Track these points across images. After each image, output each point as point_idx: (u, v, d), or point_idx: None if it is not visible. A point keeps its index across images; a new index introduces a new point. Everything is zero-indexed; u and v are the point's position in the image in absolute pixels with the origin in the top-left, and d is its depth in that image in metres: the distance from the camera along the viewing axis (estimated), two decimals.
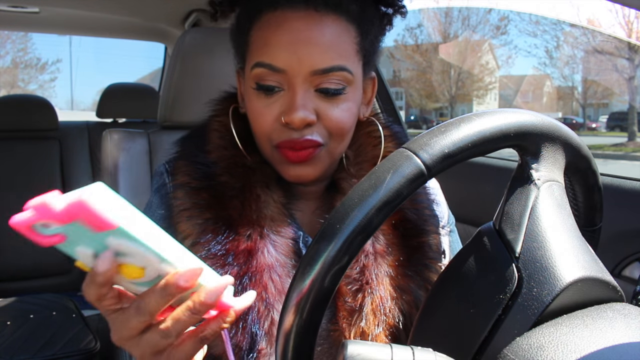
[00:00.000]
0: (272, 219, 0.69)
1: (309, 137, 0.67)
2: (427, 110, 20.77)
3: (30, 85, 20.18)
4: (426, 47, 19.11)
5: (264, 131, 0.69)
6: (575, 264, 0.46)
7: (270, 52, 0.66)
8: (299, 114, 0.65)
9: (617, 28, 6.75)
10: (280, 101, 0.67)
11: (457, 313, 0.50)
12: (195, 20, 2.04)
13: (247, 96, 0.71)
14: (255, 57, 0.68)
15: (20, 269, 2.35)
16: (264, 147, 0.71)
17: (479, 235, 0.52)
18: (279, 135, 0.68)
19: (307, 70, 0.65)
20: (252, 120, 0.70)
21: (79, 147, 2.56)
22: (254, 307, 0.65)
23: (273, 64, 0.66)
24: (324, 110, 0.68)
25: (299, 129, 0.67)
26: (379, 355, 0.42)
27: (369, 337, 0.67)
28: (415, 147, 0.46)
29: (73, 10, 2.13)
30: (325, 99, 0.68)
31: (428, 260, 0.73)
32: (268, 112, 0.68)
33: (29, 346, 1.53)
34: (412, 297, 0.70)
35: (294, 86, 0.66)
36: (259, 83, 0.68)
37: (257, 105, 0.68)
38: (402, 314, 0.69)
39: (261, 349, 0.64)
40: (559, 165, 0.53)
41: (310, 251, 0.45)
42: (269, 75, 0.67)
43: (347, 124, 0.70)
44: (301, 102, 0.66)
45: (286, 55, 0.65)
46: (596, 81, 17.56)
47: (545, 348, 0.41)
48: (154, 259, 0.43)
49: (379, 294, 0.69)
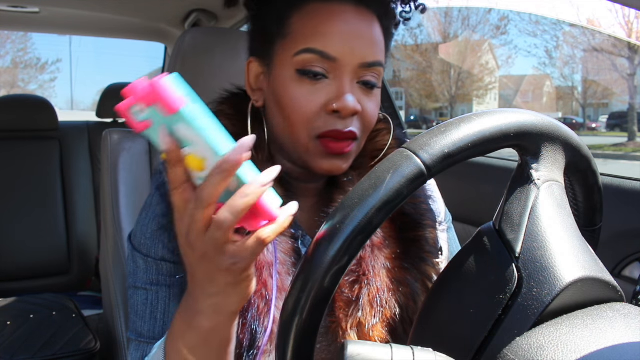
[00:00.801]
0: None
1: (352, 128, 0.68)
2: (427, 110, 20.77)
3: (30, 85, 20.19)
4: (426, 47, 19.11)
5: (306, 119, 0.67)
6: (575, 264, 0.46)
7: (322, 40, 0.66)
8: (351, 101, 0.66)
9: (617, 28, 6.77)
10: (327, 89, 0.67)
11: (457, 313, 0.50)
12: (195, 20, 2.04)
13: (283, 83, 0.68)
14: (301, 43, 0.67)
15: (20, 269, 2.35)
16: (300, 137, 0.68)
17: (479, 235, 0.52)
18: (325, 124, 0.67)
19: (357, 62, 0.67)
20: (291, 109, 0.67)
21: (79, 147, 2.56)
22: (253, 304, 0.65)
23: (326, 51, 0.66)
24: (364, 103, 0.69)
25: (347, 117, 0.67)
26: (379, 355, 0.42)
27: (366, 327, 0.68)
28: (415, 147, 0.47)
29: (73, 10, 2.13)
30: (364, 92, 0.69)
31: (425, 253, 0.74)
32: (313, 100, 0.67)
33: (29, 346, 1.53)
34: (409, 289, 0.71)
35: (341, 76, 0.67)
36: (304, 69, 0.66)
37: (300, 92, 0.67)
38: (399, 306, 0.70)
39: (261, 346, 0.65)
40: (559, 165, 0.53)
41: (310, 251, 0.45)
42: (317, 62, 0.66)
43: (376, 118, 0.72)
44: (350, 90, 0.67)
45: (340, 44, 0.66)
46: (596, 81, 17.56)
47: (545, 348, 0.41)
48: (211, 151, 0.47)
49: (376, 286, 0.69)
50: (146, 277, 0.71)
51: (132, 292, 0.72)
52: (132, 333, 0.72)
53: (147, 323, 0.70)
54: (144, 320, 0.70)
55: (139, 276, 0.71)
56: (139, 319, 0.70)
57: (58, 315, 1.73)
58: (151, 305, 0.70)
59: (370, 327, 0.68)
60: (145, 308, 0.70)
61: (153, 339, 0.69)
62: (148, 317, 0.70)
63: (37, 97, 2.63)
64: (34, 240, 2.36)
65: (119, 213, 1.18)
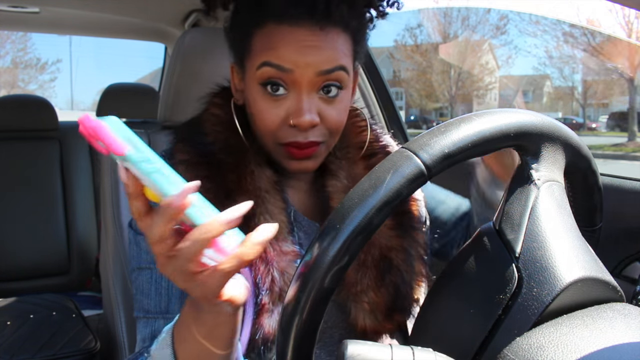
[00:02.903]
0: (266, 190, 0.75)
1: (313, 138, 0.72)
2: (427, 110, 20.76)
3: (30, 85, 20.16)
4: (426, 47, 19.09)
5: (269, 130, 0.73)
6: (575, 264, 0.46)
7: (277, 53, 0.69)
8: (307, 117, 0.70)
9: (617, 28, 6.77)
10: (287, 103, 0.71)
11: (457, 313, 0.50)
12: (195, 20, 2.04)
13: (251, 94, 0.74)
14: (260, 57, 0.71)
15: (20, 269, 2.35)
16: (267, 142, 0.75)
17: (479, 235, 0.52)
18: (285, 135, 0.72)
19: (313, 71, 0.70)
20: (257, 118, 0.73)
21: (79, 147, 2.55)
22: (254, 264, 0.70)
23: (281, 64, 0.69)
24: (325, 112, 0.73)
25: (306, 130, 0.71)
26: (378, 355, 0.42)
27: (374, 291, 0.75)
28: (415, 147, 0.47)
29: (73, 10, 2.13)
30: (326, 101, 0.73)
31: (414, 222, 0.82)
32: (275, 114, 0.72)
33: (29, 346, 1.53)
34: (405, 255, 0.79)
35: (299, 88, 0.71)
36: (264, 82, 0.71)
37: (263, 105, 0.72)
38: (399, 269, 0.77)
39: (264, 303, 0.69)
40: (559, 165, 0.53)
41: (311, 251, 0.45)
42: (275, 75, 0.70)
43: (344, 122, 0.77)
44: (307, 105, 0.70)
45: (294, 56, 0.69)
46: (596, 81, 17.55)
47: (545, 348, 0.41)
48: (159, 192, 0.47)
49: (378, 251, 0.77)
50: (149, 256, 0.75)
51: (137, 273, 0.76)
52: (139, 312, 0.75)
53: (153, 300, 0.73)
54: (150, 297, 0.74)
55: (142, 257, 0.76)
56: (145, 297, 0.74)
57: (58, 315, 1.73)
58: (155, 282, 0.74)
59: (375, 289, 0.75)
60: (149, 286, 0.74)
61: (160, 313, 0.72)
62: (153, 293, 0.74)
63: (37, 97, 2.62)
64: (34, 240, 2.36)
65: (119, 213, 1.18)
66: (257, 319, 0.69)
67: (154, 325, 0.72)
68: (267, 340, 0.69)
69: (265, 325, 0.69)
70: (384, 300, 0.76)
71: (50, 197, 2.43)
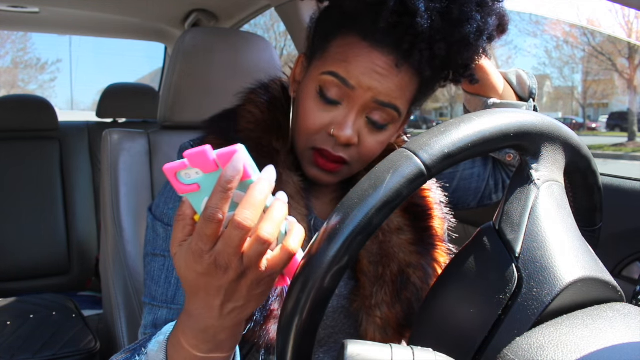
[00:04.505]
0: (290, 196, 0.74)
1: (342, 154, 0.73)
2: (427, 110, 20.75)
3: (30, 85, 20.18)
4: None
5: (308, 131, 0.74)
6: (575, 264, 0.46)
7: (347, 69, 0.70)
8: (348, 132, 0.71)
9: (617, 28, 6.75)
10: (335, 113, 0.72)
11: (457, 313, 0.50)
12: (195, 20, 2.04)
13: (306, 92, 0.74)
14: (330, 65, 0.72)
15: (20, 269, 2.35)
16: (299, 142, 0.76)
17: (479, 235, 0.52)
18: (321, 141, 0.73)
19: (371, 96, 0.70)
20: (301, 116, 0.74)
21: (79, 147, 2.55)
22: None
23: (347, 80, 0.70)
24: (364, 137, 0.74)
25: (341, 144, 0.72)
26: (379, 355, 0.42)
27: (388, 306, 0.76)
28: (415, 147, 0.46)
29: (73, 10, 2.13)
30: (370, 128, 0.74)
31: (435, 240, 0.81)
32: (320, 117, 0.73)
33: (29, 346, 1.53)
34: (423, 272, 0.78)
35: (353, 105, 0.71)
36: (323, 90, 0.72)
37: (312, 108, 0.73)
38: (415, 287, 0.77)
39: (273, 309, 0.69)
40: (559, 165, 0.53)
41: (311, 251, 0.45)
42: (336, 86, 0.71)
43: (377, 153, 0.77)
44: (352, 123, 0.71)
45: (361, 77, 0.70)
46: (596, 81, 17.55)
47: (545, 348, 0.41)
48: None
49: (396, 266, 0.77)
50: (165, 245, 0.75)
51: (150, 259, 0.77)
52: (147, 297, 0.76)
53: (161, 287, 0.74)
54: (159, 284, 0.74)
55: (159, 244, 0.76)
56: (154, 283, 0.75)
57: (58, 315, 1.73)
58: (167, 271, 0.74)
59: (390, 306, 0.75)
60: (161, 273, 0.75)
61: (165, 302, 0.73)
62: (163, 281, 0.74)
63: (37, 97, 2.62)
64: (34, 240, 2.36)
65: (119, 213, 1.19)
66: (264, 324, 0.69)
67: (157, 314, 0.73)
68: (271, 345, 0.70)
69: (271, 331, 0.69)
70: (396, 317, 0.76)
71: (50, 197, 2.43)
